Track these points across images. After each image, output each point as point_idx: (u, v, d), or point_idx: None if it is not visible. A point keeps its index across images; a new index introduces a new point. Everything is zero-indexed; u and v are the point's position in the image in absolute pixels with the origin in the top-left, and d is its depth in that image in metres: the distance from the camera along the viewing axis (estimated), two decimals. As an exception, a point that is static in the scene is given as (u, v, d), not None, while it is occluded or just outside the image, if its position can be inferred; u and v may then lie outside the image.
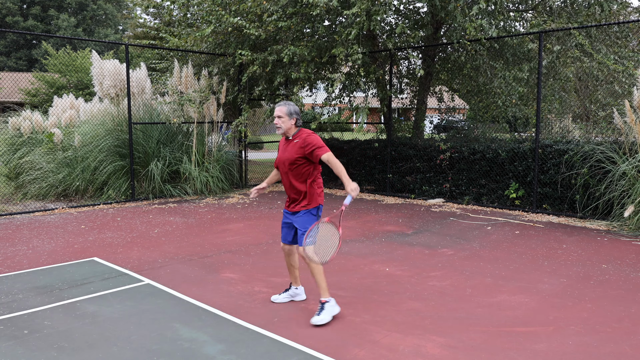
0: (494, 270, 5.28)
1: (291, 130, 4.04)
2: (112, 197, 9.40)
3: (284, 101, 4.08)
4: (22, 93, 24.35)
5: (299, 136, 3.99)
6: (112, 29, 49.51)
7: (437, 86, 13.11)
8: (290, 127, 4.03)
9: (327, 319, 3.88)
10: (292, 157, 3.97)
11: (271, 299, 4.37)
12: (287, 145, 4.06)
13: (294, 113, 4.02)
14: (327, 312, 3.90)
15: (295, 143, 3.98)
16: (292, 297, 4.38)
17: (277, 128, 4.03)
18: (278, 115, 4.00)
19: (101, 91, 10.33)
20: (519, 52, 10.16)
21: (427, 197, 9.86)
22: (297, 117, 4.03)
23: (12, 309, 4.17)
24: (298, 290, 4.38)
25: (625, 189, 7.19)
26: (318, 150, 3.89)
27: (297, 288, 4.37)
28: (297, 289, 4.37)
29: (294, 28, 9.19)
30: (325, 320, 3.86)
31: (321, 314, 3.87)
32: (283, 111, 3.99)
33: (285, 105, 4.01)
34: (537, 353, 3.41)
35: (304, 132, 4.02)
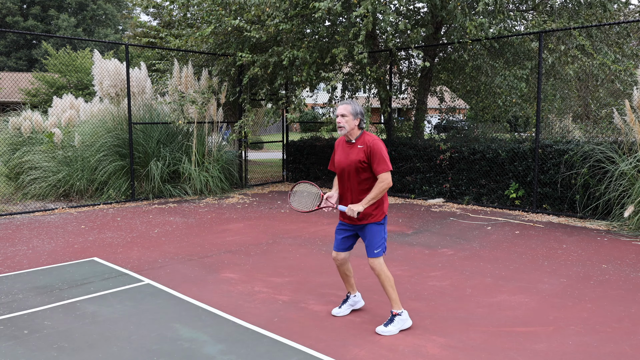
0: (494, 270, 5.28)
1: (354, 131, 3.75)
2: (112, 197, 9.40)
3: (349, 99, 3.82)
4: (22, 93, 24.35)
5: (363, 141, 3.71)
6: (112, 29, 49.50)
7: (438, 86, 13.13)
8: (354, 127, 3.74)
9: (394, 331, 3.70)
10: (356, 162, 3.68)
11: (332, 312, 4.09)
12: (349, 150, 3.76)
13: (359, 113, 3.73)
14: (396, 324, 3.73)
15: (360, 148, 3.69)
16: (352, 307, 4.13)
17: (339, 128, 3.73)
18: (342, 114, 3.70)
19: (101, 91, 10.33)
20: (520, 52, 10.16)
21: (427, 197, 9.86)
22: (362, 118, 3.75)
23: (12, 309, 4.17)
24: (356, 297, 4.15)
25: (625, 188, 7.19)
26: (380, 165, 3.62)
27: (355, 296, 4.14)
28: (355, 297, 4.14)
29: (295, 30, 9.19)
30: (391, 332, 3.69)
31: (389, 326, 3.71)
32: (348, 110, 3.70)
33: (350, 104, 3.72)
34: (537, 353, 3.41)
35: (368, 136, 3.74)
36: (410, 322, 3.83)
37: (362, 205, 3.63)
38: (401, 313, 3.77)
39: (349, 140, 3.78)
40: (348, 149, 3.78)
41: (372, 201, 3.63)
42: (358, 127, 3.76)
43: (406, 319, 3.80)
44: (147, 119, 10.29)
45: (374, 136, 3.74)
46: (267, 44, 10.39)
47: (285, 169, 12.89)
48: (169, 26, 14.13)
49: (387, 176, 3.63)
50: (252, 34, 9.14)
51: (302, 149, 12.61)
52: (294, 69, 9.72)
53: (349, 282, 4.09)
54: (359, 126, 3.76)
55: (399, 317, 3.75)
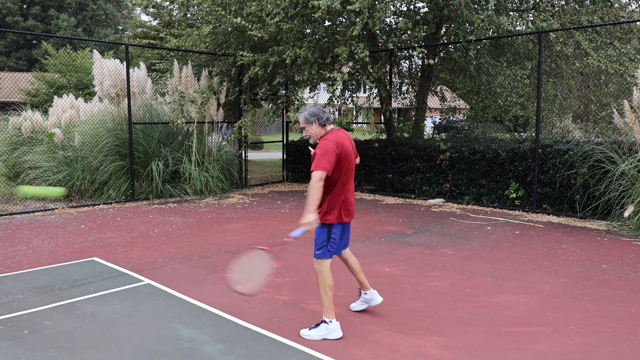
0: (494, 270, 5.28)
1: (320, 133, 3.68)
2: (112, 197, 9.40)
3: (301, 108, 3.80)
4: (22, 93, 24.34)
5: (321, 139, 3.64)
6: (112, 29, 49.48)
7: (438, 86, 13.13)
8: (317, 131, 3.66)
9: (316, 337, 3.60)
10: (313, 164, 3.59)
11: (350, 307, 4.11)
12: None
13: (312, 115, 3.65)
14: (320, 331, 3.61)
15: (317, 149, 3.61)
16: (367, 303, 4.07)
17: (309, 138, 3.73)
18: (302, 126, 3.69)
19: (101, 91, 10.33)
20: (520, 52, 10.16)
21: (427, 197, 9.86)
22: (317, 118, 3.64)
23: (12, 309, 4.17)
24: (368, 295, 4.05)
25: (625, 188, 7.19)
26: (316, 162, 3.46)
27: (366, 293, 4.05)
28: (366, 294, 4.05)
29: (296, 29, 9.19)
30: (312, 337, 3.60)
31: (312, 330, 3.64)
32: (301, 120, 3.69)
33: (301, 114, 3.67)
34: (537, 353, 3.41)
35: (328, 134, 3.64)
36: (339, 333, 3.62)
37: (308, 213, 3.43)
38: (329, 322, 3.62)
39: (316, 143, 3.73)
40: None
41: (310, 206, 3.42)
42: (320, 126, 3.67)
43: (334, 330, 3.62)
44: (147, 119, 10.28)
45: (331, 135, 3.59)
46: (267, 44, 10.38)
47: (285, 169, 12.89)
48: (169, 26, 14.13)
49: (314, 176, 3.42)
50: (253, 33, 9.14)
51: (302, 149, 12.61)
52: (295, 68, 9.72)
53: (358, 278, 4.04)
54: (321, 125, 3.66)
55: (325, 325, 3.62)
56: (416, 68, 12.49)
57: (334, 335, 3.62)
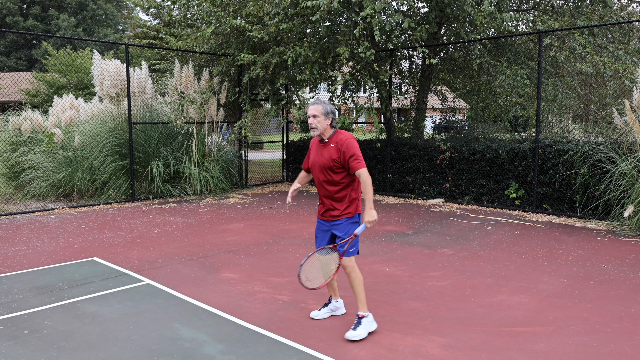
0: (494, 270, 5.28)
1: (327, 131, 3.71)
2: (112, 197, 9.40)
3: (318, 99, 3.77)
4: (22, 93, 24.34)
5: (336, 139, 3.67)
6: (112, 29, 49.49)
7: (438, 86, 13.13)
8: (326, 127, 3.69)
9: (363, 334, 3.63)
10: (328, 163, 3.66)
11: (311, 315, 4.03)
12: (322, 149, 3.73)
13: (330, 112, 3.69)
14: (364, 327, 3.66)
15: (332, 147, 3.66)
16: (332, 312, 4.06)
17: (312, 129, 3.68)
18: (313, 114, 3.65)
19: (101, 91, 10.33)
20: (520, 51, 10.16)
21: (427, 197, 9.86)
22: (333, 117, 3.71)
23: (12, 309, 4.17)
24: (338, 303, 4.07)
25: (625, 188, 7.19)
26: (355, 163, 3.58)
27: (337, 301, 4.06)
28: (337, 302, 4.06)
29: (295, 29, 9.19)
30: (361, 335, 3.60)
31: (357, 329, 3.63)
32: (319, 110, 3.65)
33: (321, 104, 3.68)
34: (537, 353, 3.41)
35: (341, 134, 3.70)
36: (375, 324, 3.76)
37: (371, 209, 3.53)
38: (367, 315, 3.72)
39: (322, 140, 3.75)
40: (322, 149, 3.75)
41: (372, 200, 3.56)
42: (330, 126, 3.71)
43: (372, 321, 3.73)
44: (148, 119, 10.29)
45: (348, 134, 3.70)
46: (267, 44, 10.38)
47: (285, 169, 12.90)
48: (169, 26, 14.12)
49: (366, 172, 3.58)
50: (253, 34, 9.13)
51: (302, 149, 12.62)
52: (296, 68, 9.72)
53: (331, 285, 4.00)
54: (331, 125, 3.71)
55: (365, 319, 3.69)
56: (416, 68, 12.49)
57: (374, 326, 3.75)
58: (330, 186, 3.71)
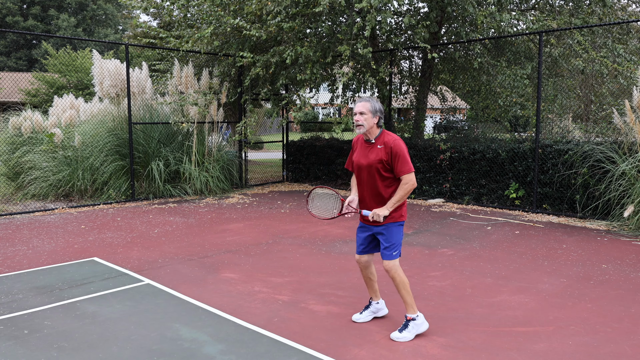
0: (494, 270, 5.28)
1: (373, 130, 3.64)
2: (112, 197, 9.40)
3: (367, 97, 3.74)
4: (22, 93, 24.34)
5: (383, 140, 3.61)
6: (112, 29, 49.50)
7: (438, 86, 13.13)
8: (372, 125, 3.62)
9: (410, 337, 3.59)
10: (376, 162, 3.59)
11: (352, 318, 3.96)
12: (368, 150, 3.66)
13: (378, 111, 3.62)
14: (411, 330, 3.62)
15: (380, 148, 3.60)
16: (374, 314, 4.00)
17: (357, 126, 3.61)
18: (361, 111, 3.59)
19: (101, 91, 10.33)
20: (520, 51, 10.16)
21: (427, 197, 9.86)
22: (380, 116, 3.64)
23: (12, 309, 4.17)
24: (379, 304, 4.01)
25: (625, 188, 7.19)
26: (403, 167, 3.53)
27: (378, 302, 4.00)
28: (378, 304, 4.00)
29: (297, 29, 9.18)
30: (406, 338, 3.58)
31: (403, 332, 3.61)
32: (367, 107, 3.59)
33: (369, 102, 3.61)
34: (537, 353, 3.41)
35: (388, 135, 3.63)
36: (426, 325, 3.71)
37: (387, 209, 3.54)
38: (416, 317, 3.65)
39: (368, 140, 3.67)
40: (367, 149, 3.67)
41: (397, 204, 3.55)
42: (377, 125, 3.65)
43: (421, 323, 3.67)
44: (147, 119, 10.29)
45: (395, 136, 3.64)
46: (267, 44, 10.38)
47: (285, 169, 12.90)
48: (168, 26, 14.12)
49: (412, 177, 3.54)
50: (251, 32, 9.12)
51: (302, 149, 12.62)
52: (297, 67, 9.71)
53: (372, 287, 3.95)
54: (378, 124, 3.65)
55: (413, 322, 3.64)
56: (416, 68, 12.49)
57: (424, 328, 3.69)
58: (376, 189, 3.64)
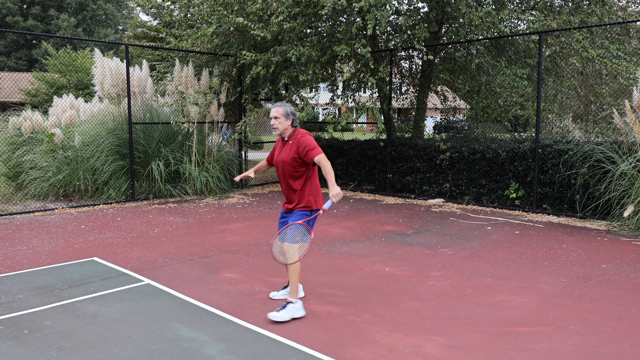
0: (494, 270, 5.28)
1: (287, 130, 4.11)
2: (112, 197, 9.40)
3: (280, 102, 4.14)
4: (22, 93, 24.34)
5: (294, 137, 4.07)
6: (112, 29, 49.51)
7: (439, 86, 13.13)
8: (286, 127, 4.09)
9: (285, 317, 3.90)
10: (288, 159, 4.04)
11: (270, 295, 4.45)
12: (283, 147, 4.14)
13: (290, 114, 4.08)
14: (289, 311, 3.93)
15: (291, 144, 4.05)
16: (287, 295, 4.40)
17: (273, 129, 4.11)
18: (275, 116, 4.07)
19: (102, 91, 10.33)
20: (521, 50, 10.16)
21: (427, 197, 9.86)
22: (294, 118, 4.10)
23: (12, 309, 4.17)
24: None
25: (625, 188, 7.19)
26: (311, 152, 3.95)
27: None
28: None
29: (298, 29, 9.19)
30: (282, 318, 3.88)
31: (280, 311, 3.91)
32: (280, 112, 4.06)
33: (282, 107, 4.07)
34: (537, 353, 3.41)
35: (299, 132, 4.09)
36: (303, 312, 4.02)
37: (334, 185, 3.85)
38: (295, 302, 3.98)
39: (284, 138, 4.15)
40: (283, 147, 4.14)
41: (333, 177, 3.89)
42: (291, 125, 4.11)
43: (299, 308, 3.99)
44: (148, 119, 10.29)
45: (303, 131, 4.10)
46: (267, 44, 10.38)
47: (285, 169, 12.86)
48: (169, 26, 14.11)
49: (323, 156, 3.92)
50: (256, 32, 9.12)
51: (302, 149, 12.59)
52: (298, 67, 9.72)
53: None
54: (292, 125, 4.11)
55: (292, 305, 3.96)
56: (416, 68, 12.49)
57: (301, 313, 4.00)
58: (290, 181, 4.08)
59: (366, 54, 8.60)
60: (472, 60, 10.17)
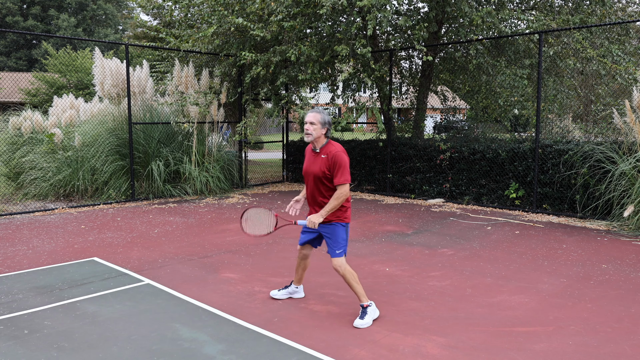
0: (494, 270, 5.28)
1: (320, 140, 3.93)
2: (112, 197, 9.40)
3: (317, 108, 3.98)
4: (22, 93, 24.34)
5: (327, 151, 3.88)
6: (112, 29, 49.50)
7: (439, 86, 13.13)
8: (320, 136, 3.91)
9: (369, 322, 3.88)
10: (319, 172, 3.88)
11: (270, 293, 4.46)
12: (315, 158, 3.95)
13: (327, 123, 3.91)
14: (370, 315, 3.91)
15: (323, 159, 3.87)
16: (290, 294, 4.46)
17: (306, 135, 3.91)
18: (311, 121, 3.88)
19: (102, 91, 10.33)
20: (520, 50, 10.16)
21: (427, 197, 9.86)
22: (329, 128, 3.93)
23: (12, 309, 4.17)
24: (298, 289, 4.46)
25: (625, 188, 7.19)
26: (341, 177, 3.80)
27: (297, 287, 4.45)
28: (297, 288, 4.45)
29: (298, 28, 9.19)
30: (367, 324, 3.85)
31: (364, 318, 3.88)
32: (317, 119, 3.87)
33: (320, 113, 3.90)
34: (537, 353, 3.41)
35: (333, 146, 3.90)
36: (378, 312, 4.02)
37: (320, 216, 3.81)
38: (370, 304, 3.96)
39: (314, 149, 3.98)
40: (313, 158, 3.98)
41: (330, 212, 3.81)
42: (324, 135, 3.93)
43: (375, 309, 4.00)
44: (148, 119, 10.28)
45: (339, 146, 3.90)
46: (267, 44, 10.38)
47: (285, 169, 12.90)
48: (169, 26, 14.12)
49: (345, 188, 3.81)
50: (256, 32, 9.13)
51: (302, 149, 12.62)
52: (297, 67, 9.72)
53: (300, 275, 4.36)
54: (325, 135, 3.94)
55: (370, 308, 3.93)
56: (416, 68, 12.50)
57: (377, 314, 4.00)
58: (321, 196, 3.95)
59: (366, 54, 8.60)
60: (472, 60, 10.17)
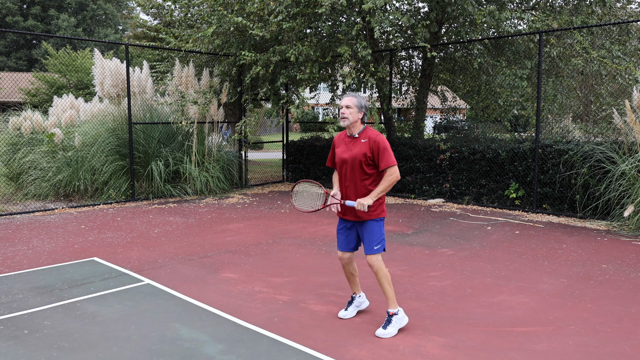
0: (494, 270, 5.28)
1: (357, 125, 3.74)
2: (112, 197, 9.39)
3: (353, 92, 3.80)
4: (22, 93, 24.34)
5: (366, 135, 3.71)
6: (112, 29, 49.50)
7: (439, 86, 13.13)
8: (356, 120, 3.72)
9: (394, 332, 3.67)
10: (361, 156, 3.66)
11: (339, 315, 4.02)
12: (352, 144, 3.74)
13: (364, 107, 3.74)
14: (395, 325, 3.70)
15: (364, 143, 3.68)
16: (358, 307, 4.10)
17: (342, 119, 3.71)
18: (347, 105, 3.70)
19: (102, 91, 10.33)
20: (520, 51, 10.16)
21: (427, 197, 9.86)
22: (365, 112, 3.76)
23: (12, 309, 4.17)
24: (361, 298, 4.12)
25: (625, 188, 7.19)
26: (388, 159, 3.61)
27: (359, 296, 4.10)
28: (360, 297, 4.10)
29: (298, 28, 9.19)
30: (391, 334, 3.65)
31: (387, 328, 3.67)
32: (353, 102, 3.71)
33: (356, 97, 3.73)
34: (537, 353, 3.41)
35: (372, 132, 3.72)
36: (406, 319, 3.80)
37: (371, 198, 3.59)
38: (397, 312, 3.74)
39: (351, 135, 3.77)
40: (351, 144, 3.76)
41: (380, 194, 3.61)
42: (361, 121, 3.75)
43: (402, 317, 3.77)
44: (148, 119, 10.28)
45: (377, 131, 3.73)
46: (267, 44, 10.38)
47: (285, 169, 12.89)
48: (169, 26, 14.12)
49: (396, 169, 3.63)
50: (255, 32, 9.13)
51: (302, 149, 12.61)
52: (296, 67, 9.72)
53: (354, 282, 4.05)
54: (362, 120, 3.75)
55: (396, 317, 3.73)
56: (416, 68, 12.49)
57: (405, 321, 3.79)
58: (358, 182, 3.71)
59: (367, 56, 8.60)
60: (473, 60, 10.17)
